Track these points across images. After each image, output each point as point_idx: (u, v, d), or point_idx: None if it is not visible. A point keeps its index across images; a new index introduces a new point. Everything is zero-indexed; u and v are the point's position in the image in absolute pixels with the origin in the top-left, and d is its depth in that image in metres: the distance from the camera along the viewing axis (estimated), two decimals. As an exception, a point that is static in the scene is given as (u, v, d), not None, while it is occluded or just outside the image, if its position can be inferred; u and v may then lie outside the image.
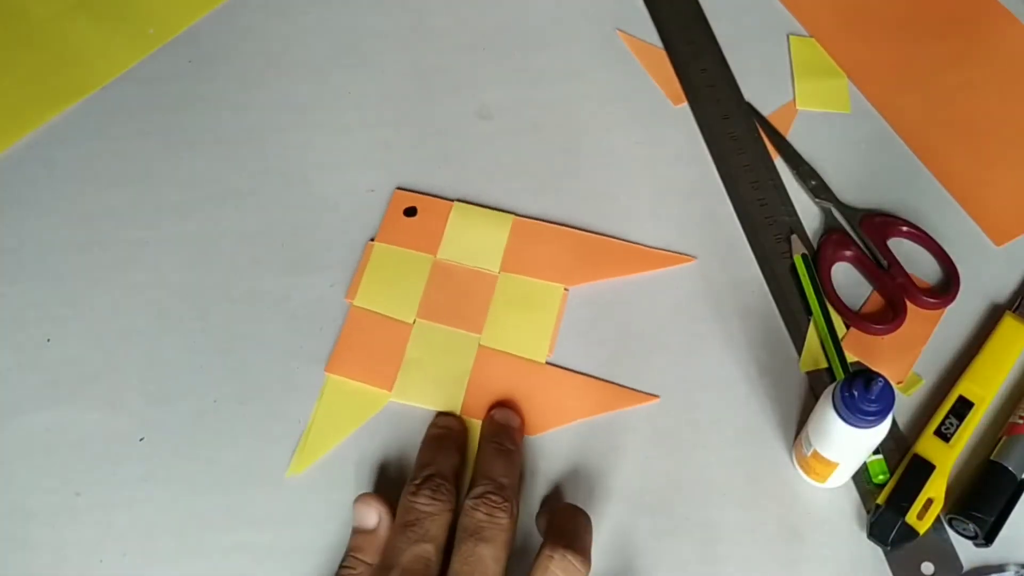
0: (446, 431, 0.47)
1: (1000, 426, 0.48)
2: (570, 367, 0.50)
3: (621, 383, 0.49)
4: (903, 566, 0.44)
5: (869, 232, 0.53)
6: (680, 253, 0.53)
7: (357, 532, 0.43)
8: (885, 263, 0.52)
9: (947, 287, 0.52)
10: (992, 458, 0.46)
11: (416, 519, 0.42)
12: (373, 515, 0.43)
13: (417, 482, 0.43)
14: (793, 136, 0.57)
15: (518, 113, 0.59)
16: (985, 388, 0.48)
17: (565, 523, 0.42)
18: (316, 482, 0.47)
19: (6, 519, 0.46)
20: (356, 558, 0.42)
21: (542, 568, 0.39)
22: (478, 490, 0.42)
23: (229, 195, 0.55)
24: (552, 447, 0.48)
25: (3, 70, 0.60)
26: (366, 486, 0.46)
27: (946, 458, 0.46)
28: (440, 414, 0.48)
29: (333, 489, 0.46)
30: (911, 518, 0.44)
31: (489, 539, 0.40)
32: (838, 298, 0.51)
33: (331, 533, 0.45)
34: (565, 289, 0.52)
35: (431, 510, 0.42)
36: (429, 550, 0.41)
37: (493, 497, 0.42)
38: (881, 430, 0.41)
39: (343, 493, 0.46)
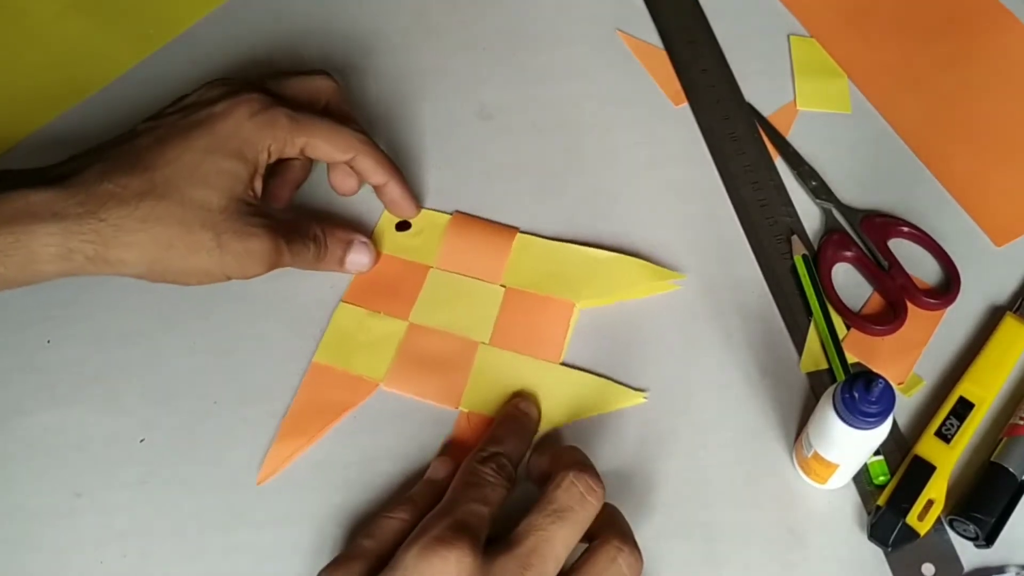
0: (524, 417, 0.47)
1: (1001, 427, 0.48)
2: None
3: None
4: (904, 567, 0.44)
5: (869, 233, 0.53)
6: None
7: (425, 482, 0.45)
8: (886, 264, 0.52)
9: (947, 288, 0.52)
10: (993, 459, 0.46)
11: (478, 483, 0.42)
12: (446, 469, 0.45)
13: (485, 454, 0.43)
14: (793, 136, 0.57)
15: (518, 113, 0.59)
16: (986, 389, 0.48)
17: (613, 516, 0.42)
18: (317, 483, 0.47)
19: (6, 519, 0.46)
20: (411, 502, 0.43)
21: (608, 559, 0.39)
22: (569, 472, 0.41)
23: (229, 195, 0.55)
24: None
25: (3, 70, 0.60)
26: (366, 487, 0.46)
27: (947, 459, 0.46)
28: (522, 396, 0.48)
29: (334, 491, 0.46)
30: (912, 519, 0.44)
31: (572, 522, 0.40)
32: (839, 299, 0.51)
33: (331, 534, 0.45)
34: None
35: (494, 481, 0.42)
36: (484, 512, 0.40)
37: (590, 481, 0.41)
38: (881, 431, 0.41)
39: (343, 494, 0.46)
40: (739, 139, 0.57)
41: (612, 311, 0.51)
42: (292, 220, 0.49)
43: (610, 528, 0.41)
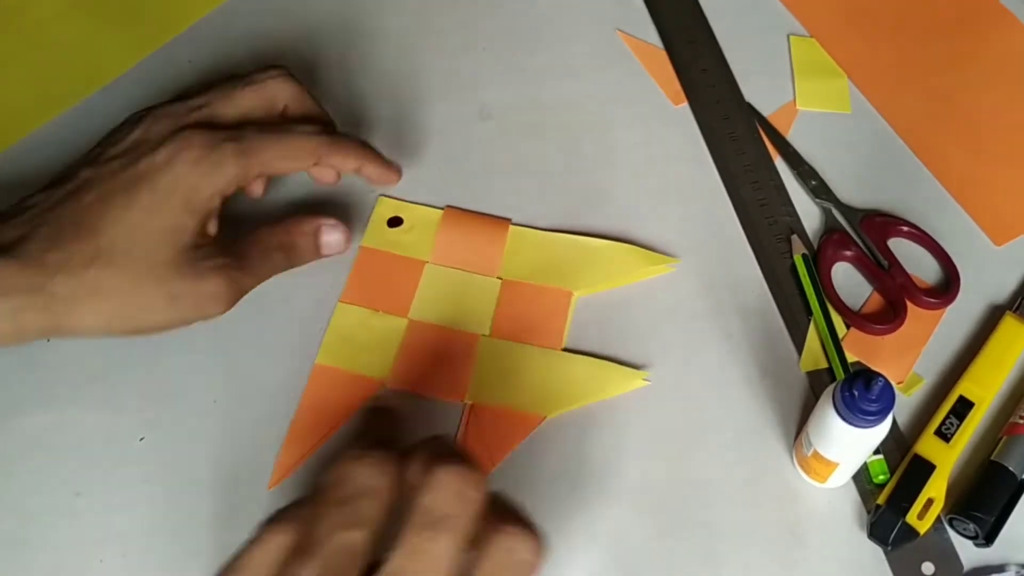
0: (383, 408, 0.47)
1: (1000, 426, 0.48)
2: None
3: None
4: (903, 566, 0.44)
5: (869, 232, 0.53)
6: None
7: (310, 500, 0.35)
8: (885, 263, 0.52)
9: (947, 287, 0.52)
10: (992, 458, 0.46)
11: (352, 495, 0.33)
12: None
13: (359, 450, 0.34)
14: (793, 136, 0.57)
15: (518, 113, 0.59)
16: (985, 388, 0.48)
17: (500, 503, 0.35)
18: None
19: (6, 519, 0.46)
20: (287, 519, 0.34)
21: (504, 551, 0.33)
22: (436, 470, 0.33)
23: (229, 195, 0.55)
24: (549, 447, 0.48)
25: (3, 70, 0.60)
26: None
27: (946, 458, 0.46)
28: (386, 391, 0.48)
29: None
30: (911, 518, 0.44)
31: (453, 530, 0.32)
32: (838, 298, 0.51)
33: (331, 533, 0.45)
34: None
35: (374, 484, 0.34)
36: (358, 540, 0.32)
37: (463, 473, 0.33)
38: (881, 430, 0.41)
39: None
40: (739, 139, 0.57)
41: (610, 304, 0.52)
42: (250, 241, 0.48)
43: (500, 517, 0.34)
